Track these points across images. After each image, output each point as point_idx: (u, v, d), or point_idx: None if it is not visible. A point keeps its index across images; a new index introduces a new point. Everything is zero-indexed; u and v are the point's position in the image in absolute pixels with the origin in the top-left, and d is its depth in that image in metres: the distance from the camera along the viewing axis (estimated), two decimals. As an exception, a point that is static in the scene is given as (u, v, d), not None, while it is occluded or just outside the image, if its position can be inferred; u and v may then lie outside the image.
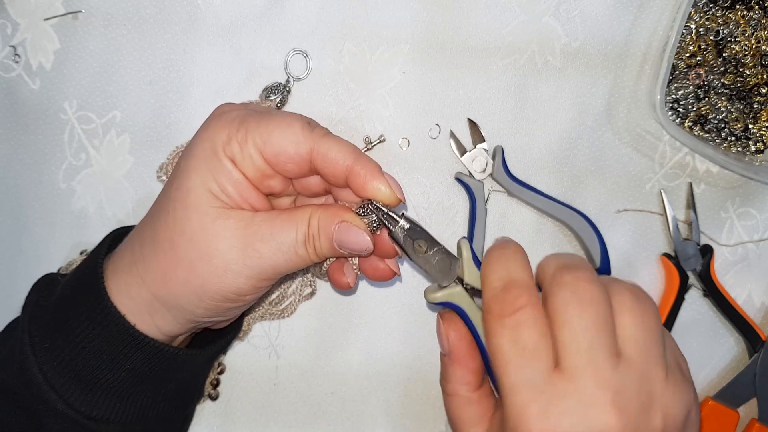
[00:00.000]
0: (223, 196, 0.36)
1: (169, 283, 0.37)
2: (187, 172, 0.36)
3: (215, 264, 0.36)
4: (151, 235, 0.37)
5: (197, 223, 0.36)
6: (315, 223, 0.37)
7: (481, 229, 0.49)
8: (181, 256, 0.36)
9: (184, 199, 0.36)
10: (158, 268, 0.37)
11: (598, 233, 0.49)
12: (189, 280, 0.37)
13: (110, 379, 0.37)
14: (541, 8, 0.49)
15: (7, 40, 0.48)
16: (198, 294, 0.37)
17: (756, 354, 0.50)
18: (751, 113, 0.50)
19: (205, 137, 0.36)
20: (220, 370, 0.48)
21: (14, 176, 0.48)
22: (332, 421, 0.49)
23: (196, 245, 0.36)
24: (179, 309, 0.37)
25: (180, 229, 0.36)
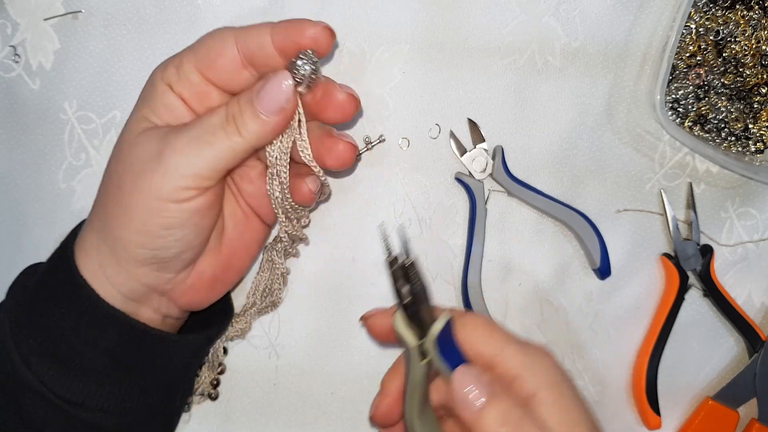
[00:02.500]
0: (156, 119, 0.37)
1: (111, 220, 0.36)
2: (130, 116, 0.38)
3: (139, 174, 0.35)
4: (102, 188, 0.39)
5: (128, 148, 0.37)
6: (235, 101, 0.36)
7: (481, 229, 0.49)
8: (125, 187, 0.36)
9: (123, 132, 0.38)
10: (104, 210, 0.37)
11: (598, 233, 0.49)
12: (125, 207, 0.36)
13: (86, 358, 0.37)
14: (541, 8, 0.49)
15: (7, 40, 0.48)
16: (136, 221, 0.35)
17: (756, 354, 0.50)
18: (751, 113, 0.50)
19: (148, 80, 0.38)
20: (221, 370, 0.48)
21: (14, 176, 0.48)
22: (332, 421, 0.50)
23: (130, 169, 0.36)
24: (127, 254, 0.36)
25: (115, 160, 0.38)
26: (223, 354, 0.48)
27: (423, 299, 0.34)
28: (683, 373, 0.52)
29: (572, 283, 0.51)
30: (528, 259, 0.50)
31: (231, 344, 0.49)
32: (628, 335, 0.51)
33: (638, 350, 0.51)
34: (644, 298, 0.51)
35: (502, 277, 0.50)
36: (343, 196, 0.49)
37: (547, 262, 0.51)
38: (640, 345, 0.51)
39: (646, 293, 0.51)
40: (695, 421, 0.50)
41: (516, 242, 0.50)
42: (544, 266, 0.51)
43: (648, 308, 0.51)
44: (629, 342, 0.51)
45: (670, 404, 0.51)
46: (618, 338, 0.51)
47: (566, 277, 0.51)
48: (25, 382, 0.37)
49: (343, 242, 0.49)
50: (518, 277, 0.51)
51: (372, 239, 0.50)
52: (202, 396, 0.48)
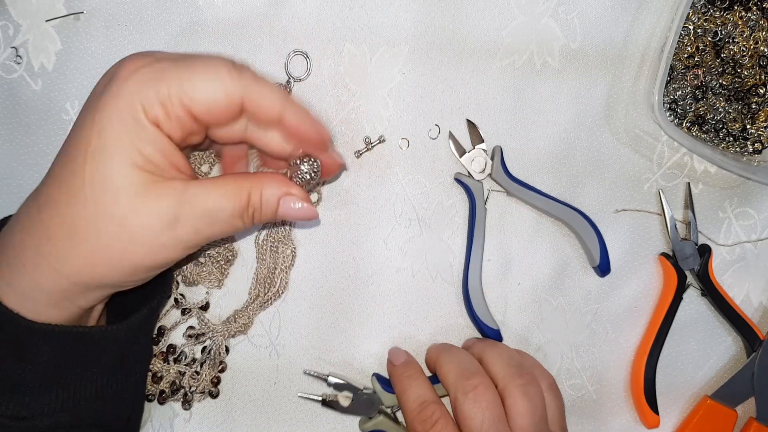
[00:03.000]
0: (150, 167, 0.33)
1: (96, 268, 0.34)
2: (105, 152, 0.32)
3: (149, 244, 0.34)
4: (63, 226, 0.34)
5: (127, 205, 0.33)
6: (257, 197, 0.37)
7: (481, 229, 0.49)
8: (111, 242, 0.33)
9: (108, 182, 0.33)
10: (81, 257, 0.34)
11: (597, 231, 0.49)
12: (121, 262, 0.34)
13: (28, 378, 0.35)
14: (540, 9, 0.49)
15: (9, 41, 0.48)
16: (130, 271, 0.35)
17: (754, 353, 0.50)
18: (749, 114, 0.50)
19: (120, 104, 0.32)
20: (222, 368, 0.49)
21: (16, 176, 0.49)
22: (332, 419, 0.50)
23: (127, 229, 0.33)
24: (106, 287, 0.36)
25: (108, 215, 0.33)
26: (225, 352, 0.49)
27: (362, 392, 0.48)
28: (681, 372, 0.52)
29: (571, 283, 0.51)
30: (527, 259, 0.51)
31: (232, 342, 0.49)
32: (627, 334, 0.51)
33: (637, 349, 0.51)
34: (642, 298, 0.51)
35: (502, 277, 0.50)
36: (343, 196, 0.49)
37: (546, 262, 0.51)
38: (639, 344, 0.51)
39: (644, 293, 0.51)
40: (693, 420, 0.50)
41: (515, 242, 0.50)
42: (543, 266, 0.51)
43: (646, 308, 0.51)
44: (628, 341, 0.51)
45: (668, 403, 0.51)
46: (616, 337, 0.51)
47: (565, 277, 0.51)
48: None
49: (343, 242, 0.50)
50: (517, 277, 0.51)
51: (372, 239, 0.50)
52: (203, 394, 0.48)
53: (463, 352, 0.47)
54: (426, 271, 0.50)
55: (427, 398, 0.44)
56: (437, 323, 0.50)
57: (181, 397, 0.48)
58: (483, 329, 0.49)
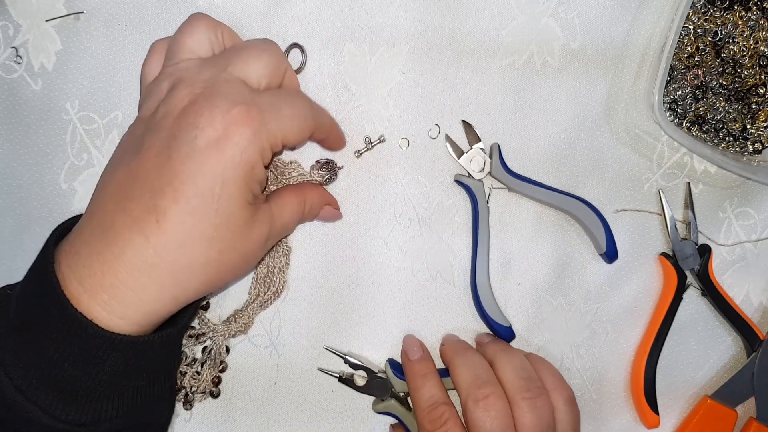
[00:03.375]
0: (254, 200, 0.39)
1: (208, 289, 0.39)
2: (230, 200, 0.36)
3: (252, 263, 0.41)
4: (190, 265, 0.37)
5: (243, 237, 0.38)
6: (308, 207, 0.46)
7: (485, 228, 0.49)
8: (230, 268, 0.39)
9: (234, 223, 0.37)
10: (201, 284, 0.38)
11: (602, 218, 0.49)
12: (228, 282, 0.44)
13: (91, 385, 0.36)
14: (540, 9, 0.49)
15: (9, 41, 0.48)
16: (227, 286, 0.45)
17: (754, 353, 0.50)
18: (749, 114, 0.50)
19: (242, 162, 0.36)
20: (222, 368, 0.49)
21: (16, 176, 0.49)
22: (333, 419, 0.50)
23: (241, 255, 0.39)
24: (188, 296, 0.39)
25: (232, 250, 0.38)
26: (225, 352, 0.49)
27: (376, 375, 0.49)
28: (681, 372, 0.52)
29: (571, 283, 0.51)
30: (527, 259, 0.51)
31: (232, 342, 0.49)
32: (627, 334, 0.51)
33: (637, 349, 0.51)
34: (643, 298, 0.51)
35: (502, 277, 0.50)
36: (343, 196, 0.49)
37: (547, 262, 0.51)
38: (639, 344, 0.51)
39: (644, 293, 0.51)
40: (693, 420, 0.50)
41: (515, 241, 0.51)
42: (543, 265, 0.51)
43: (646, 307, 0.51)
44: (628, 341, 0.51)
45: (668, 403, 0.51)
46: (616, 337, 0.51)
47: (565, 277, 0.51)
48: (31, 417, 0.36)
49: (344, 242, 0.50)
50: (517, 277, 0.51)
51: (372, 239, 0.50)
52: (204, 394, 0.48)
53: (477, 355, 0.47)
54: (426, 270, 0.50)
55: (439, 399, 0.45)
56: (437, 323, 0.50)
57: (182, 398, 0.48)
58: (495, 327, 0.49)
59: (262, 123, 0.37)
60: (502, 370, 0.45)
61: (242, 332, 0.49)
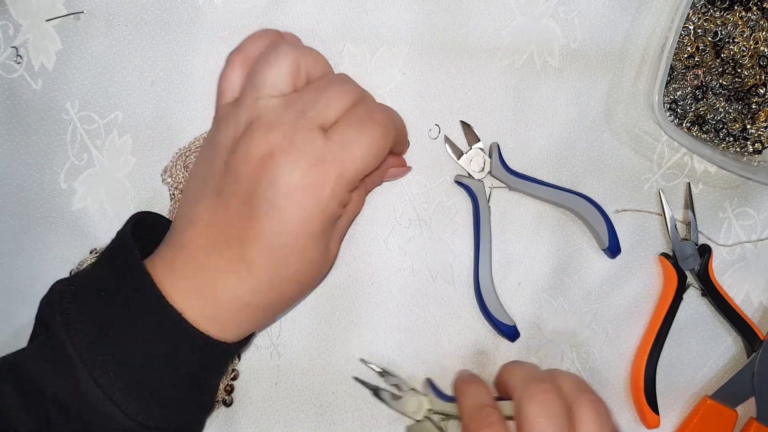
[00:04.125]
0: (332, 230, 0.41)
1: (283, 309, 0.44)
2: (323, 236, 0.39)
3: (325, 274, 0.45)
4: (298, 291, 0.42)
5: (325, 267, 0.42)
6: (370, 187, 0.47)
7: (486, 228, 0.49)
8: (308, 292, 0.47)
9: (314, 263, 0.40)
10: (292, 303, 0.43)
11: (603, 213, 0.49)
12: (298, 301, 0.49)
13: (167, 386, 0.37)
14: (540, 9, 0.49)
15: (9, 41, 0.48)
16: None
17: (754, 353, 0.50)
18: (749, 114, 0.50)
19: (320, 213, 0.38)
20: (234, 376, 0.49)
21: (17, 176, 0.49)
22: (334, 419, 0.50)
23: (321, 277, 0.45)
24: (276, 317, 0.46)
25: (322, 273, 0.43)
26: (237, 359, 0.49)
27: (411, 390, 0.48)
28: (682, 373, 0.52)
29: (571, 283, 0.51)
30: (527, 259, 0.51)
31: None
32: (627, 335, 0.51)
33: (637, 349, 0.51)
34: (643, 298, 0.51)
35: (502, 278, 0.50)
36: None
37: (547, 262, 0.51)
38: (639, 344, 0.51)
39: (644, 293, 0.51)
40: (693, 420, 0.50)
41: (516, 242, 0.50)
42: (543, 266, 0.51)
43: (646, 308, 0.51)
44: (628, 341, 0.51)
45: (668, 403, 0.51)
46: (617, 338, 0.51)
47: (566, 277, 0.51)
48: (105, 412, 0.36)
49: (344, 242, 0.50)
50: (518, 277, 0.51)
51: (372, 239, 0.50)
52: (217, 402, 0.48)
53: (532, 364, 0.46)
54: (426, 271, 0.50)
55: (487, 402, 0.44)
56: (437, 323, 0.50)
57: None
58: (499, 327, 0.49)
59: (339, 176, 0.38)
60: (558, 376, 0.43)
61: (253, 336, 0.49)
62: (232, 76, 0.41)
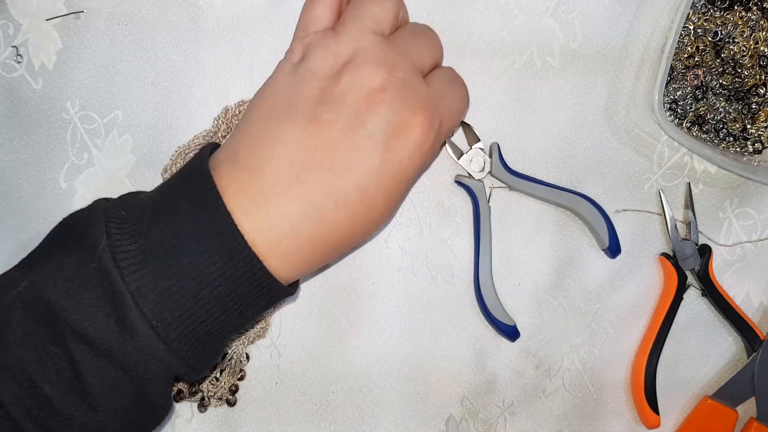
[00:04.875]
0: None
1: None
2: (400, 190, 0.38)
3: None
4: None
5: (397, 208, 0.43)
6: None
7: (487, 227, 0.49)
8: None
9: (397, 205, 0.40)
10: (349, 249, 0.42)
11: (603, 213, 0.49)
12: None
13: (218, 328, 0.35)
14: (540, 9, 0.49)
15: (9, 40, 0.48)
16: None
17: (754, 353, 0.50)
18: (749, 114, 0.50)
19: (417, 161, 0.37)
20: (241, 376, 0.48)
21: (16, 176, 0.49)
22: (334, 419, 0.50)
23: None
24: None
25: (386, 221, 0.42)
26: (246, 360, 0.48)
27: None
28: (682, 373, 0.52)
29: (572, 283, 0.51)
30: (527, 259, 0.51)
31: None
32: (627, 335, 0.51)
33: (637, 350, 0.51)
34: (643, 298, 0.51)
35: (502, 278, 0.50)
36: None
37: (547, 262, 0.51)
38: (639, 344, 0.51)
39: (644, 293, 0.51)
40: (694, 420, 0.50)
41: (516, 241, 0.50)
42: (543, 265, 0.51)
43: (647, 308, 0.51)
44: (628, 341, 0.51)
45: (668, 403, 0.51)
46: (617, 338, 0.51)
47: (566, 277, 0.51)
48: (156, 357, 0.33)
49: (344, 242, 0.50)
50: (518, 277, 0.51)
51: (372, 238, 0.50)
52: (221, 401, 0.48)
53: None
54: (426, 270, 0.50)
55: None
56: (437, 323, 0.50)
57: (198, 400, 0.48)
58: (499, 326, 0.49)
59: (439, 129, 0.38)
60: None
61: (261, 337, 0.49)
62: (323, 5, 0.39)
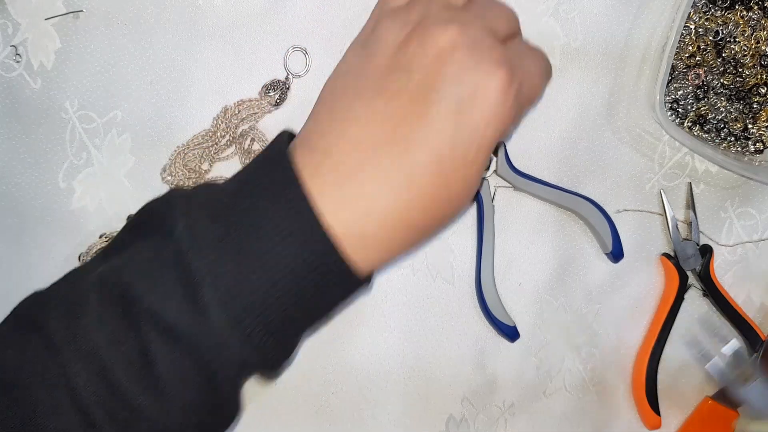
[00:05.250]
0: None
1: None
2: (476, 164, 0.34)
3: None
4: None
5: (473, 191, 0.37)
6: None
7: (490, 227, 0.49)
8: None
9: (473, 184, 0.35)
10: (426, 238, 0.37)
11: (607, 217, 0.49)
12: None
13: (292, 326, 0.34)
14: (541, 9, 0.49)
15: (8, 39, 0.48)
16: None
17: (755, 353, 0.50)
18: (750, 113, 0.50)
19: (493, 128, 0.33)
20: None
21: (15, 175, 0.48)
22: (334, 420, 0.50)
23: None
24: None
25: (461, 206, 0.37)
26: None
27: None
28: (683, 373, 0.52)
29: (573, 283, 0.51)
30: (528, 259, 0.51)
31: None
32: (628, 335, 0.51)
33: (638, 350, 0.51)
34: (644, 298, 0.51)
35: (503, 278, 0.50)
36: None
37: (548, 262, 0.51)
38: (640, 345, 0.51)
39: (645, 293, 0.51)
40: (695, 421, 0.50)
41: (517, 241, 0.50)
42: (544, 266, 0.51)
43: (648, 308, 0.51)
44: (629, 341, 0.51)
45: (669, 404, 0.51)
46: (618, 338, 0.51)
47: (567, 277, 0.51)
48: (235, 352, 0.32)
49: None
50: (518, 277, 0.51)
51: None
52: None
53: None
54: (427, 270, 0.50)
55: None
56: (438, 323, 0.50)
57: None
58: (499, 326, 0.49)
59: (518, 92, 0.34)
60: None
61: None
62: None
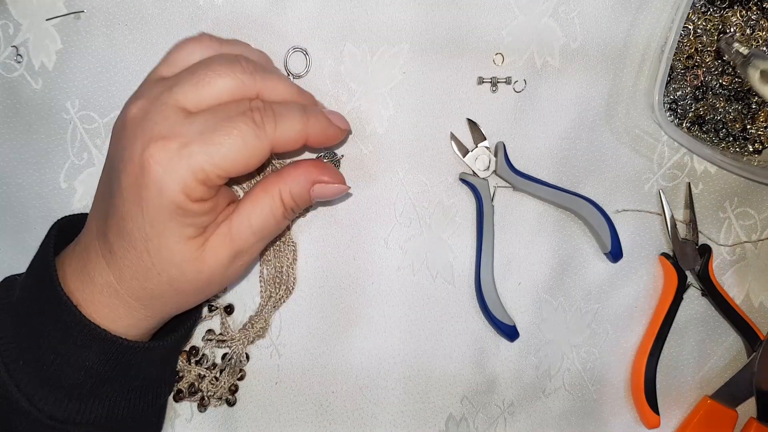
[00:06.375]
0: (200, 231, 0.37)
1: (172, 311, 0.40)
2: (160, 237, 0.35)
3: (218, 283, 0.39)
4: (144, 294, 0.38)
5: (192, 270, 0.37)
6: (288, 197, 0.39)
7: (489, 227, 0.49)
8: (186, 297, 0.39)
9: (170, 261, 0.36)
10: (160, 308, 0.39)
11: (607, 217, 0.49)
12: (194, 303, 0.41)
13: (71, 378, 0.37)
14: (540, 9, 0.49)
15: (10, 40, 0.48)
16: (199, 302, 0.41)
17: (754, 353, 0.50)
18: (749, 114, 0.50)
19: (164, 201, 0.34)
20: (241, 376, 0.49)
21: (17, 175, 0.49)
22: (334, 419, 0.50)
23: (197, 284, 0.38)
24: (163, 313, 0.40)
25: (179, 281, 0.37)
26: (245, 360, 0.48)
27: None
28: (682, 373, 0.52)
29: (572, 283, 0.51)
30: (528, 259, 0.51)
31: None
32: (627, 334, 0.51)
33: (637, 349, 0.51)
34: (643, 298, 0.51)
35: (502, 277, 0.50)
36: (343, 195, 0.49)
37: (547, 262, 0.51)
38: (639, 344, 0.51)
39: (645, 293, 0.51)
40: (694, 420, 0.50)
41: (517, 241, 0.50)
42: (544, 265, 0.51)
43: (647, 308, 0.51)
44: (628, 341, 0.51)
45: (668, 403, 0.51)
46: (617, 337, 0.51)
47: (566, 277, 0.51)
48: (12, 399, 0.37)
49: (344, 241, 0.50)
50: (518, 277, 0.51)
51: (372, 238, 0.50)
52: (220, 400, 0.48)
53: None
54: (426, 270, 0.50)
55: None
56: (438, 323, 0.50)
57: (197, 400, 0.48)
58: (499, 326, 0.49)
59: (181, 157, 0.33)
60: None
61: (261, 337, 0.49)
62: (192, 47, 0.40)
